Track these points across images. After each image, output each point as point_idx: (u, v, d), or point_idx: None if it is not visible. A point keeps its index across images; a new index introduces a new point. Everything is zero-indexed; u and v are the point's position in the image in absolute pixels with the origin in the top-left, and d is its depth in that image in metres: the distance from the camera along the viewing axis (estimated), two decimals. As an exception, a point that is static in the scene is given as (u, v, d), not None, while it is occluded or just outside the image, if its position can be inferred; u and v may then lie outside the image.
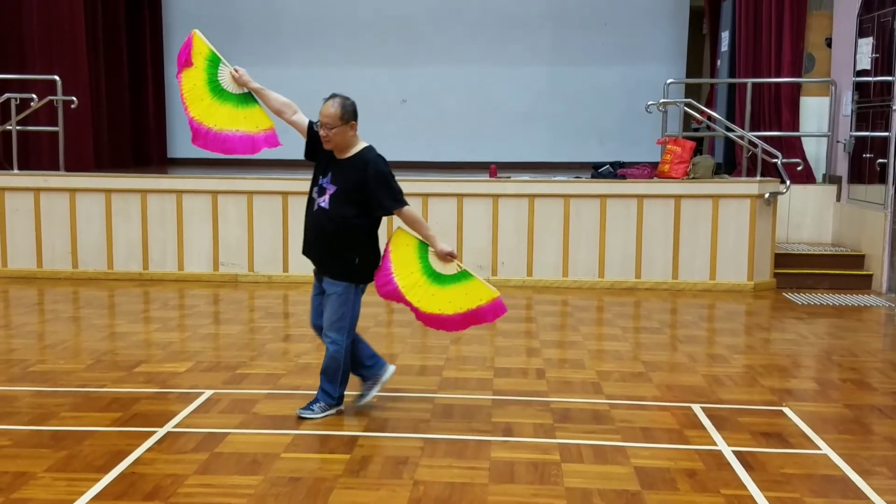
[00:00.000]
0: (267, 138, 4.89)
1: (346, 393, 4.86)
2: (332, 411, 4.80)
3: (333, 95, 4.70)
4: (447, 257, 4.71)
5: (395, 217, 4.80)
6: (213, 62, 4.79)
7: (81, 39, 11.39)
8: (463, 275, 4.71)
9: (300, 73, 13.79)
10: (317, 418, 4.74)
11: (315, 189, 4.78)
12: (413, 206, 4.85)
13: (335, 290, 4.71)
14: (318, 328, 4.85)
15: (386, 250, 4.77)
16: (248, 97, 4.90)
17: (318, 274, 4.89)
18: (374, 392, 4.92)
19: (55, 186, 9.24)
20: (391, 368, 4.98)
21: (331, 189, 4.70)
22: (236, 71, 4.87)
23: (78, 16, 11.33)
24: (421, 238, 4.75)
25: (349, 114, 4.65)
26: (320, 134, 4.69)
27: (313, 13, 13.79)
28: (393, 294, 4.72)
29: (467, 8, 13.61)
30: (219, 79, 4.78)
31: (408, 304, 4.71)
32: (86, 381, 5.43)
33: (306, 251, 4.95)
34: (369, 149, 4.75)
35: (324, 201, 4.72)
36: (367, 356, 4.92)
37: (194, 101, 4.78)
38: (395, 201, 4.71)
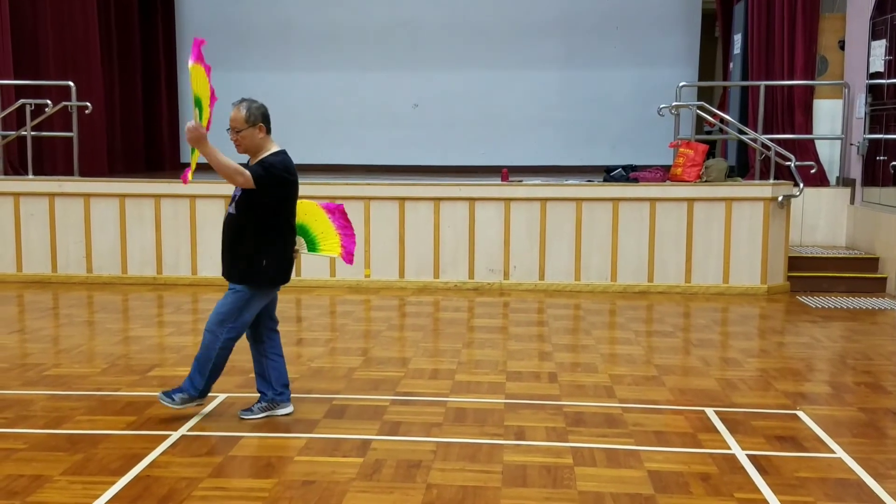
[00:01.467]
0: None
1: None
2: (192, 403, 4.78)
3: (241, 100, 4.80)
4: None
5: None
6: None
7: (95, 46, 11.48)
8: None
9: (310, 79, 13.87)
10: (175, 408, 4.74)
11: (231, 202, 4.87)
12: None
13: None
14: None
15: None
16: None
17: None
18: (261, 416, 4.82)
19: (70, 191, 9.30)
20: (290, 409, 4.91)
21: (237, 193, 4.82)
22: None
23: (92, 22, 11.41)
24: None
25: (255, 116, 4.76)
26: (231, 139, 4.82)
27: (324, 19, 13.84)
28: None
29: (478, 13, 13.63)
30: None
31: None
32: (100, 385, 5.46)
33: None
34: (278, 152, 4.81)
35: (231, 209, 4.81)
36: (280, 384, 4.89)
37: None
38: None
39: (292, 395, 5.26)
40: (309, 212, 5.03)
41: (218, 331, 4.71)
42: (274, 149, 4.82)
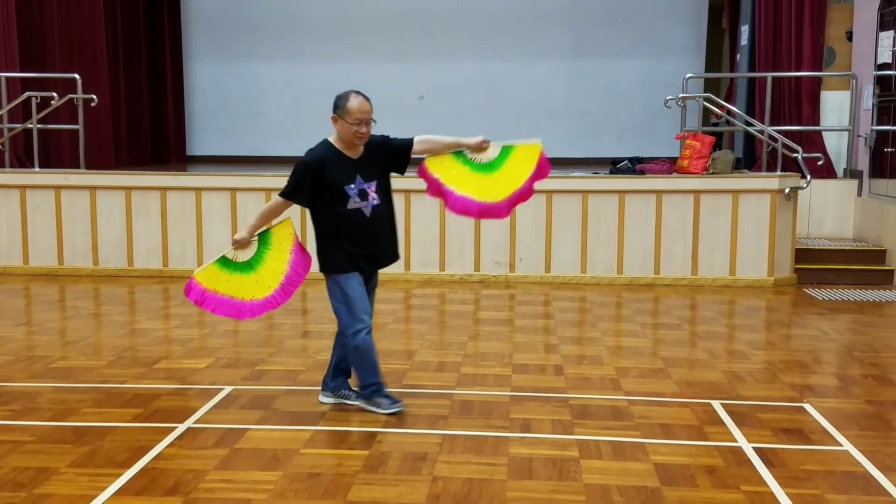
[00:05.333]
0: (257, 307, 4.79)
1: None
2: (380, 398, 4.73)
3: (357, 92, 4.62)
4: (482, 145, 4.76)
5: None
6: (220, 261, 4.78)
7: (101, 38, 11.47)
8: (504, 150, 4.80)
9: (318, 69, 13.85)
10: (378, 411, 4.72)
11: (352, 201, 4.58)
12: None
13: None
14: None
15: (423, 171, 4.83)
16: (253, 263, 4.80)
17: (374, 269, 4.82)
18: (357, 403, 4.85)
19: (76, 184, 9.31)
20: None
21: (371, 185, 4.62)
22: (235, 243, 4.77)
23: (98, 14, 11.41)
24: (452, 151, 4.80)
25: None
26: (361, 132, 4.56)
27: (331, 10, 13.82)
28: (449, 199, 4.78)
29: (485, 4, 13.60)
30: (227, 257, 4.78)
31: (466, 200, 4.76)
32: (107, 378, 5.47)
33: (370, 262, 4.74)
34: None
35: (374, 199, 4.62)
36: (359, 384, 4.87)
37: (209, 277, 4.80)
38: (409, 138, 4.78)
39: (298, 388, 5.27)
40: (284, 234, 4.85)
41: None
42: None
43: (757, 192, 8.76)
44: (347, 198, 4.57)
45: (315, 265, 4.84)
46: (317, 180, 4.58)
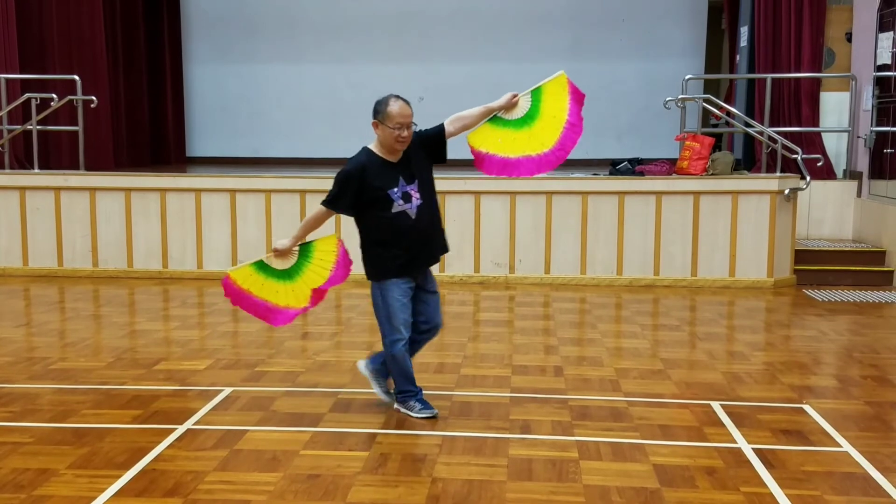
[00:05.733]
0: (291, 315, 4.77)
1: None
2: (413, 402, 4.75)
3: (398, 96, 4.63)
4: (511, 101, 4.74)
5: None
6: (257, 264, 4.72)
7: (101, 39, 11.48)
8: (534, 95, 4.76)
9: (317, 71, 13.86)
10: (411, 414, 4.75)
11: (396, 204, 4.54)
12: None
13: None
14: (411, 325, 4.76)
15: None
16: (291, 273, 4.75)
17: (424, 269, 4.76)
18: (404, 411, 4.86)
19: (75, 185, 9.31)
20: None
21: (413, 186, 4.60)
22: (275, 251, 4.71)
23: (97, 16, 11.41)
24: (488, 118, 4.81)
25: None
26: (402, 136, 4.54)
27: (330, 11, 13.83)
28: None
29: (485, 5, 13.61)
30: (265, 262, 4.71)
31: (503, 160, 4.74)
32: (106, 379, 5.47)
33: (417, 263, 4.68)
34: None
35: (417, 200, 4.59)
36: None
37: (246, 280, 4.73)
38: (439, 124, 4.82)
39: (298, 390, 5.27)
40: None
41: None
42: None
43: (756, 193, 8.76)
44: (391, 202, 4.55)
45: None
46: (359, 188, 4.56)
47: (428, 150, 4.74)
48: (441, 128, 4.79)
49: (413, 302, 4.72)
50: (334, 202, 4.65)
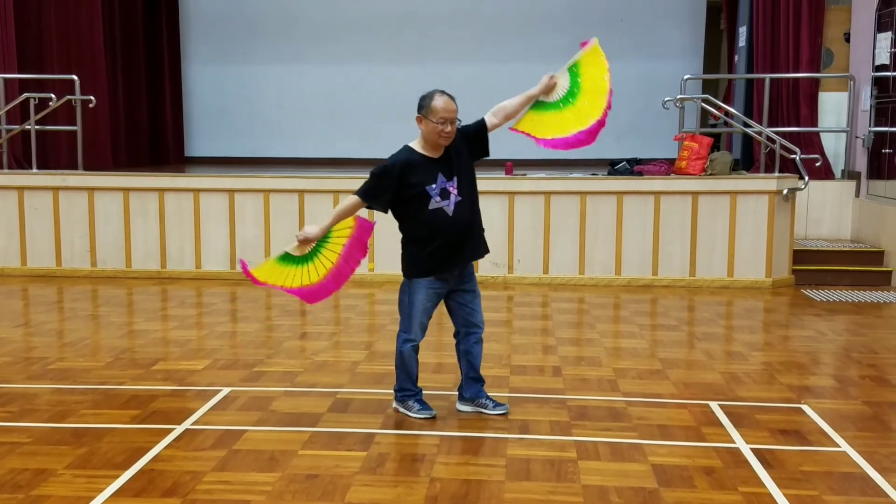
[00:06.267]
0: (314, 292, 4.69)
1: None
2: (412, 401, 4.75)
3: (442, 91, 4.57)
4: (550, 83, 4.68)
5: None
6: (281, 258, 4.63)
7: (99, 39, 11.48)
8: (571, 72, 4.72)
9: (316, 71, 13.86)
10: (409, 414, 4.74)
11: (433, 201, 4.51)
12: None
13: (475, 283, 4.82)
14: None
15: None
16: (306, 257, 4.70)
17: (461, 268, 4.72)
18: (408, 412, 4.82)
19: (74, 185, 9.30)
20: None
21: (452, 183, 4.56)
22: (304, 237, 4.65)
23: (96, 15, 11.41)
24: (528, 107, 4.75)
25: None
26: (446, 131, 4.48)
27: (329, 12, 13.83)
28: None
29: (484, 5, 13.60)
30: (289, 252, 4.64)
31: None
32: (105, 379, 5.47)
33: (452, 261, 4.65)
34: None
35: (456, 197, 4.56)
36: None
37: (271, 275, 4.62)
38: (480, 119, 4.78)
39: (296, 390, 5.27)
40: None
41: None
42: None
43: (755, 193, 8.77)
44: (429, 198, 4.51)
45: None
46: (398, 185, 4.52)
47: (470, 144, 4.68)
48: (482, 122, 4.74)
49: (452, 306, 4.76)
50: (368, 196, 4.61)
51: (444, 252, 4.58)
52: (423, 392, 4.87)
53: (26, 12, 10.84)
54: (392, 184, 4.54)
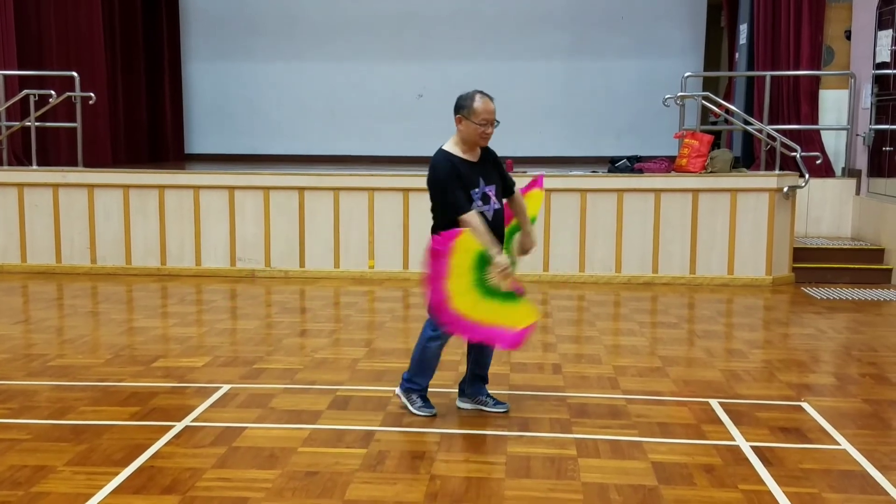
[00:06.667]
0: (520, 335, 4.45)
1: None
2: (416, 396, 4.75)
3: (483, 92, 4.56)
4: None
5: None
6: (482, 262, 4.39)
7: (99, 36, 11.47)
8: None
9: (316, 69, 13.84)
10: (410, 408, 4.75)
11: (475, 205, 4.45)
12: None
13: None
14: None
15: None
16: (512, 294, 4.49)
17: None
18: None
19: (73, 182, 9.30)
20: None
21: (491, 188, 4.55)
22: (501, 269, 4.39)
23: (95, 12, 11.40)
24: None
25: None
26: (487, 132, 4.48)
27: (329, 10, 13.80)
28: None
29: (484, 5, 13.58)
30: (487, 278, 4.38)
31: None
32: (104, 376, 5.46)
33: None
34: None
35: (495, 203, 4.55)
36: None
37: (460, 294, 4.36)
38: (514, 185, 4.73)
39: (296, 387, 5.27)
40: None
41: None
42: None
43: (755, 190, 8.76)
44: (471, 202, 4.47)
45: None
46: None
47: (501, 175, 4.66)
48: (513, 190, 4.71)
49: None
50: (460, 202, 4.38)
51: None
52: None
53: (26, 9, 10.83)
54: (458, 180, 4.44)
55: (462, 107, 4.55)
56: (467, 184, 4.46)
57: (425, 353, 4.71)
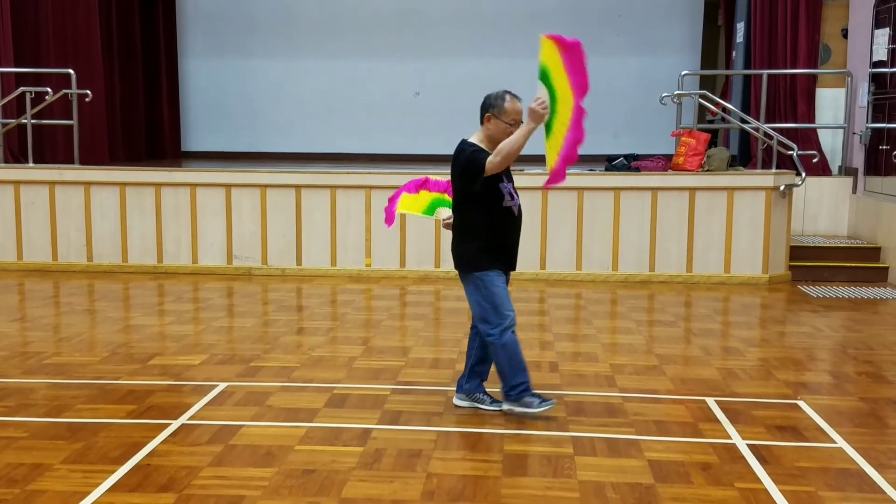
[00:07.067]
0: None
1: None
2: (529, 397, 4.63)
3: (512, 93, 4.64)
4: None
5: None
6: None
7: (96, 33, 11.44)
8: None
9: (313, 66, 13.82)
10: (530, 411, 4.63)
11: (506, 199, 4.58)
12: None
13: None
14: None
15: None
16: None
17: (511, 270, 4.74)
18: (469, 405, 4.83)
19: (70, 180, 9.28)
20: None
21: (512, 186, 4.65)
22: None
23: (92, 9, 11.37)
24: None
25: None
26: (512, 132, 4.54)
27: (327, 7, 13.78)
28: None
29: (482, 1, 13.57)
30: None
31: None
32: (101, 374, 5.46)
33: (511, 263, 4.69)
34: None
35: (518, 200, 4.64)
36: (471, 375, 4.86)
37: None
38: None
39: (293, 385, 5.27)
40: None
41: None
42: None
43: (752, 189, 8.77)
44: (502, 196, 4.54)
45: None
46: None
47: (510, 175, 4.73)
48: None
49: None
50: (485, 167, 4.45)
51: (507, 251, 4.63)
52: (422, 388, 4.87)
53: (23, 6, 10.81)
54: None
55: (492, 105, 4.60)
56: (498, 177, 4.53)
57: (508, 350, 4.58)
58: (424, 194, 4.91)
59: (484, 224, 4.56)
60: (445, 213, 4.74)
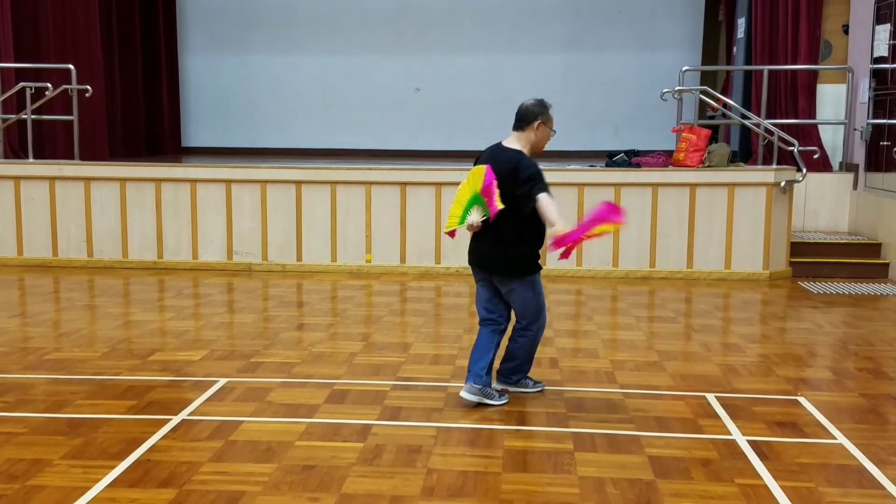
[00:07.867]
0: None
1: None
2: (527, 378, 5.03)
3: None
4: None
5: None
6: None
7: (96, 28, 11.42)
8: None
9: (313, 62, 13.82)
10: (526, 391, 5.01)
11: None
12: None
13: None
14: None
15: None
16: None
17: None
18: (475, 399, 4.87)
19: (70, 175, 9.28)
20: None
21: None
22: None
23: (92, 5, 11.35)
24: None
25: None
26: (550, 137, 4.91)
27: (327, 3, 13.78)
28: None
29: (482, -3, 13.56)
30: None
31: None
32: (101, 369, 5.46)
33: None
34: None
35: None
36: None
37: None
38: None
39: (293, 381, 5.26)
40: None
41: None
42: None
43: (753, 185, 8.76)
44: None
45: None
46: None
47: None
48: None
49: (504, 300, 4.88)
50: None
51: (539, 254, 4.91)
52: (423, 383, 4.87)
53: (23, 2, 10.79)
54: None
55: (541, 114, 4.84)
56: None
57: (535, 344, 4.92)
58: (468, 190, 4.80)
59: (533, 231, 4.80)
60: (478, 216, 4.72)
